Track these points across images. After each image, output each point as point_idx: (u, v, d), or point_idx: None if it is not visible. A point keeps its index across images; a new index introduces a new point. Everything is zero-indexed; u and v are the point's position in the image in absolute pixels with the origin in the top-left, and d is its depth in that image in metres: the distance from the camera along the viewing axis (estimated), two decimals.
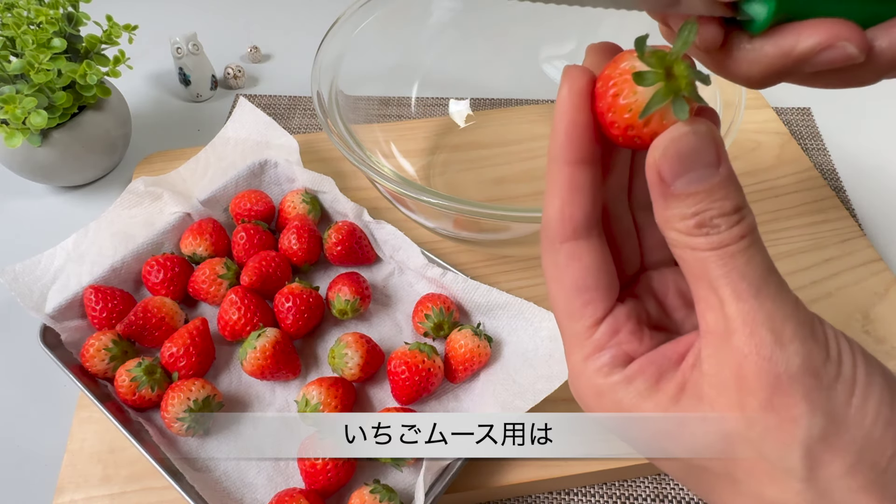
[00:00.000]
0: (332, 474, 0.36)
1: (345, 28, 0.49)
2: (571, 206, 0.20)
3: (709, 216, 0.18)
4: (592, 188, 0.20)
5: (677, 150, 0.18)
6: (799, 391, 0.17)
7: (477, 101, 0.61)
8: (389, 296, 0.48)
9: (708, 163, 0.18)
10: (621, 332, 0.21)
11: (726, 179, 0.18)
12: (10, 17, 0.50)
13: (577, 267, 0.21)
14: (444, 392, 0.42)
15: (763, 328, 0.17)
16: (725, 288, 0.18)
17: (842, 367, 0.18)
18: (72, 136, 0.54)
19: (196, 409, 0.38)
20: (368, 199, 0.52)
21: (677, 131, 0.18)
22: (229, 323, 0.43)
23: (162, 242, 0.48)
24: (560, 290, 0.21)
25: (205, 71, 0.67)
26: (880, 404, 0.18)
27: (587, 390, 0.21)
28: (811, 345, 0.18)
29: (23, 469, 0.42)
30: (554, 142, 0.20)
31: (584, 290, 0.21)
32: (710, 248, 0.18)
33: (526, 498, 0.40)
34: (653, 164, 0.18)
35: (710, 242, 0.18)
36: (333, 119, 0.45)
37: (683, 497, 0.40)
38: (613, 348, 0.20)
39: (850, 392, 0.18)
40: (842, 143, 0.62)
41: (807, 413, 0.17)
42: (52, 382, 0.46)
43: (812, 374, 0.17)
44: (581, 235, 0.21)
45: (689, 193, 0.18)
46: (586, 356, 0.21)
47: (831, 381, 0.18)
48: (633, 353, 0.21)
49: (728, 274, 0.18)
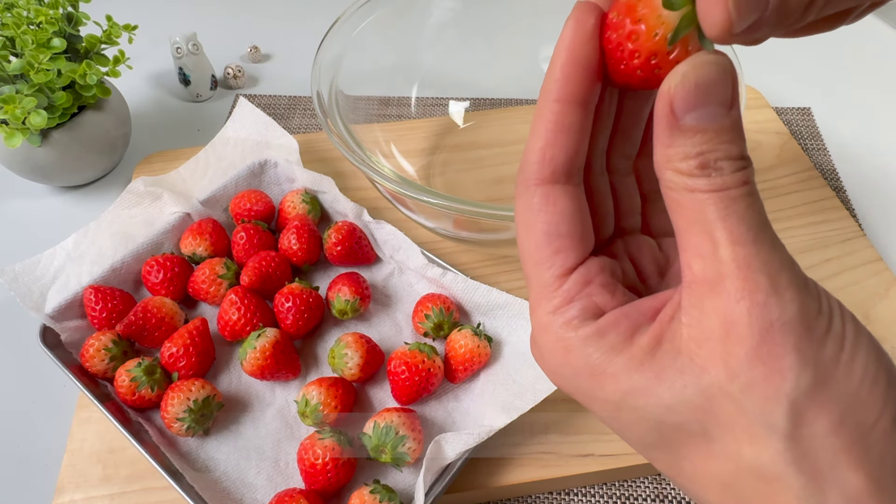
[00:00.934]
0: (332, 474, 0.36)
1: (345, 28, 0.49)
2: (554, 148, 0.19)
3: (713, 157, 0.17)
4: (580, 132, 0.19)
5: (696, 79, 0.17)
6: (791, 341, 0.16)
7: (477, 101, 0.61)
8: (389, 296, 0.48)
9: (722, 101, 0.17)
10: (593, 283, 0.19)
11: (736, 123, 0.17)
12: (9, 17, 0.50)
13: (552, 212, 0.19)
14: (444, 392, 0.42)
15: (759, 273, 0.16)
16: (722, 231, 0.17)
17: (832, 321, 0.17)
18: (72, 136, 0.54)
19: (196, 410, 0.38)
20: (368, 199, 0.52)
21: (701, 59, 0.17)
22: (229, 323, 0.43)
23: (162, 242, 0.48)
24: (530, 236, 0.20)
25: (205, 71, 0.67)
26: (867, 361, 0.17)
27: (553, 346, 0.19)
28: (805, 295, 0.17)
29: (23, 469, 0.42)
30: (549, 77, 0.19)
31: (556, 236, 0.20)
32: (710, 190, 0.17)
33: (526, 498, 0.40)
34: (666, 93, 0.17)
35: (711, 184, 0.17)
36: (333, 119, 0.45)
37: (683, 497, 0.40)
38: (584, 299, 0.19)
39: (840, 347, 0.17)
40: (842, 143, 0.62)
41: (796, 365, 0.16)
42: (52, 382, 0.46)
43: (805, 325, 0.16)
44: (559, 180, 0.19)
45: (698, 130, 0.17)
46: (554, 308, 0.19)
47: (822, 334, 0.17)
48: (604, 307, 0.19)
49: (727, 217, 0.17)
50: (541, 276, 0.20)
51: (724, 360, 0.17)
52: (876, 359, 0.17)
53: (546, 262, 0.20)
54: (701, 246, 0.17)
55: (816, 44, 0.75)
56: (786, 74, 0.70)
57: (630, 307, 0.19)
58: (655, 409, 0.18)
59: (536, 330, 0.20)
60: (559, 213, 0.20)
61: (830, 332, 0.17)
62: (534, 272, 0.20)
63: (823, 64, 0.72)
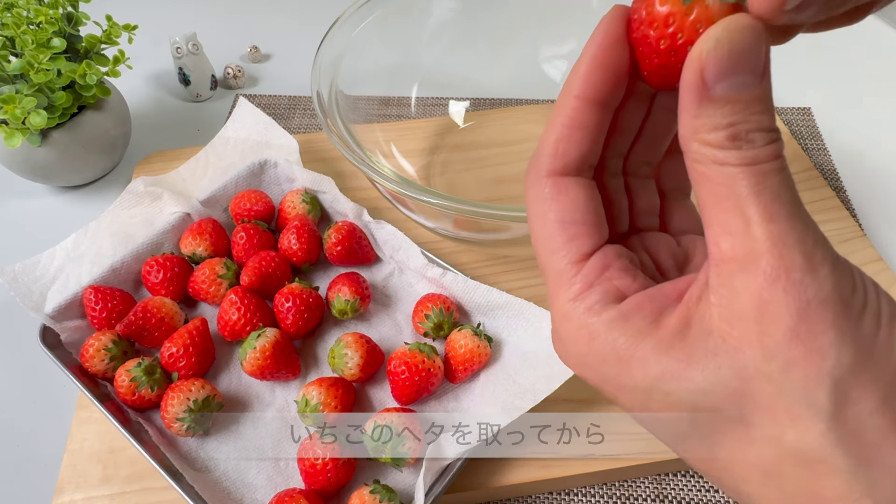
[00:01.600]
0: (331, 474, 0.36)
1: (345, 28, 0.49)
2: (568, 143, 0.19)
3: (745, 129, 0.16)
4: (595, 132, 0.19)
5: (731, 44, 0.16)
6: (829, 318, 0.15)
7: (477, 101, 0.61)
8: (389, 296, 0.48)
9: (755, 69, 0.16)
10: (612, 267, 0.19)
11: (768, 93, 0.16)
12: (9, 16, 0.50)
13: (564, 200, 0.19)
14: (444, 392, 0.42)
15: (794, 251, 0.16)
16: (754, 207, 0.16)
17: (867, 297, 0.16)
18: (71, 136, 0.54)
19: (196, 410, 0.38)
20: (368, 199, 0.52)
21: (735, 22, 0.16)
22: (229, 323, 0.43)
23: (162, 242, 0.48)
24: (543, 225, 0.19)
25: (205, 71, 0.67)
26: None
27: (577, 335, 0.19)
28: (841, 271, 0.16)
29: (23, 469, 0.42)
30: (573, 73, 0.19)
31: (570, 223, 0.19)
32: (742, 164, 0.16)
33: (526, 498, 0.40)
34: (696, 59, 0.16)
35: (742, 157, 0.16)
36: (333, 119, 0.45)
37: (683, 497, 0.40)
38: (604, 283, 0.18)
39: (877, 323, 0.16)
40: (842, 143, 0.62)
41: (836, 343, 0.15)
42: (51, 382, 0.46)
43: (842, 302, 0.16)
44: (570, 173, 0.19)
45: (729, 100, 0.16)
46: (574, 295, 0.19)
47: (859, 310, 0.16)
48: (626, 291, 0.19)
49: (760, 193, 0.16)
50: (557, 264, 0.19)
51: (759, 339, 0.16)
52: None
53: (561, 249, 0.19)
54: (731, 223, 0.16)
55: (816, 44, 0.75)
56: (786, 74, 0.70)
57: (654, 290, 0.18)
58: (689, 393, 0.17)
59: (557, 320, 0.19)
60: (571, 202, 0.19)
61: (867, 309, 0.16)
62: (549, 261, 0.19)
63: (823, 64, 0.72)
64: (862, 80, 0.70)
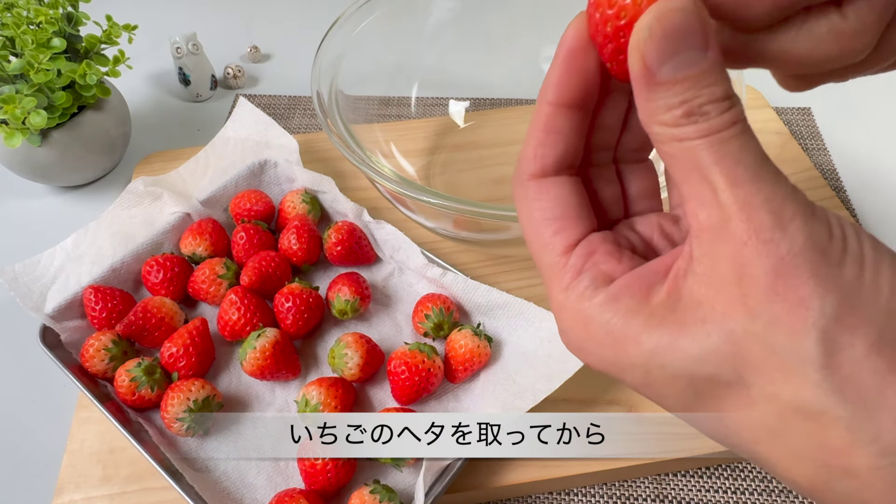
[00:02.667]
0: (331, 474, 0.36)
1: (345, 28, 0.49)
2: (545, 147, 0.20)
3: (698, 103, 0.17)
4: (571, 134, 0.20)
5: (663, 28, 0.16)
6: (806, 270, 0.16)
7: (477, 101, 0.61)
8: (389, 296, 0.48)
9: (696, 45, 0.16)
10: (597, 252, 0.20)
11: (715, 64, 0.17)
12: (9, 17, 0.50)
13: (546, 198, 0.20)
14: (444, 392, 0.42)
15: (761, 210, 0.16)
16: (719, 175, 0.16)
17: (847, 243, 0.16)
18: (71, 136, 0.54)
19: (196, 410, 0.38)
20: (368, 199, 0.52)
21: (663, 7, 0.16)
22: (229, 323, 0.43)
23: (162, 242, 0.48)
24: (530, 225, 0.21)
25: (205, 71, 0.67)
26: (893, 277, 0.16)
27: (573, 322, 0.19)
28: (813, 222, 0.16)
29: (23, 469, 0.42)
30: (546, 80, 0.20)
31: (553, 219, 0.20)
32: (700, 136, 0.17)
33: (526, 498, 0.40)
34: (636, 48, 0.17)
35: (700, 129, 0.17)
36: (333, 119, 0.45)
37: (683, 497, 0.40)
38: (591, 269, 0.19)
39: (861, 267, 0.16)
40: (842, 143, 0.62)
41: (817, 292, 0.16)
42: (51, 382, 0.46)
43: (818, 251, 0.16)
44: (550, 174, 0.20)
45: (677, 80, 0.17)
46: (565, 285, 0.19)
47: (839, 257, 0.16)
48: (613, 273, 0.19)
49: (722, 160, 0.16)
50: (547, 259, 0.20)
51: (742, 302, 0.16)
52: None
53: (548, 244, 0.20)
54: (701, 193, 0.17)
55: None
56: None
57: (641, 269, 0.19)
58: (684, 362, 0.17)
59: (556, 311, 0.20)
60: (552, 199, 0.20)
61: (847, 254, 0.16)
62: (541, 257, 0.20)
63: None
64: (862, 80, 0.69)
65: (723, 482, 0.40)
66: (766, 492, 0.40)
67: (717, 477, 0.41)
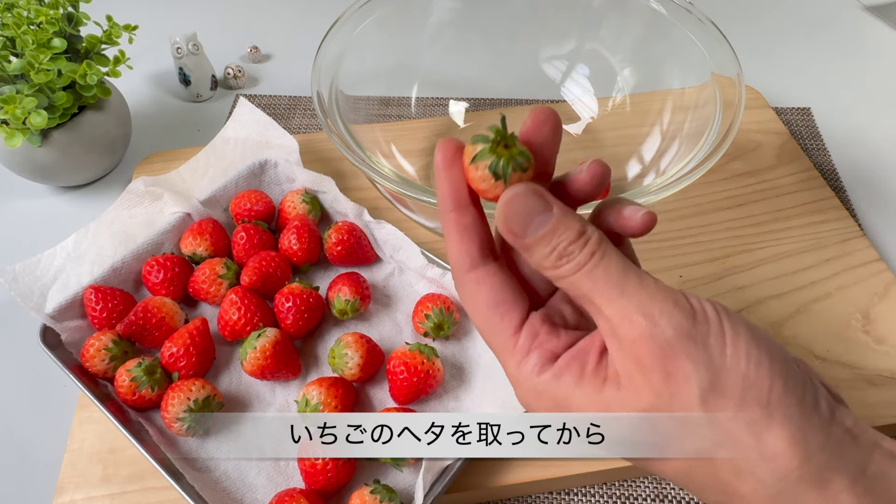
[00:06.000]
0: (332, 474, 0.36)
1: (345, 28, 0.49)
2: (465, 243, 0.24)
3: (562, 247, 0.22)
4: (477, 225, 0.25)
5: (512, 212, 0.22)
6: (681, 354, 0.21)
7: (477, 101, 0.61)
8: (389, 296, 0.48)
9: (539, 211, 0.22)
10: (540, 334, 0.24)
11: (561, 216, 0.22)
12: (10, 17, 0.50)
13: (486, 288, 0.25)
14: (444, 392, 0.42)
15: (636, 315, 0.21)
16: (597, 297, 0.22)
17: (709, 325, 0.21)
18: (72, 136, 0.54)
19: (196, 409, 0.38)
20: (368, 199, 0.52)
21: (504, 199, 0.22)
22: (229, 323, 0.43)
23: (162, 242, 0.48)
24: (477, 312, 0.25)
25: (205, 71, 0.67)
26: (748, 349, 0.21)
27: (526, 393, 0.24)
28: (678, 314, 0.21)
29: (23, 469, 0.42)
30: (439, 198, 0.24)
31: (497, 304, 0.24)
32: (574, 272, 0.22)
33: (526, 498, 0.40)
34: (503, 228, 0.23)
35: (571, 267, 0.22)
36: (333, 119, 0.45)
37: (683, 497, 0.40)
38: (538, 349, 0.24)
39: (723, 343, 0.21)
40: (842, 143, 0.62)
41: (693, 370, 0.21)
42: (52, 382, 0.46)
43: (686, 337, 0.21)
44: (479, 264, 0.25)
45: (539, 238, 0.22)
46: (518, 363, 0.24)
47: (703, 338, 0.21)
48: (555, 350, 0.24)
49: (594, 286, 0.22)
50: (498, 341, 0.25)
51: (648, 386, 0.21)
52: (756, 344, 0.21)
53: (497, 327, 0.25)
54: (593, 311, 0.23)
55: (816, 44, 0.75)
56: (786, 74, 0.70)
57: (576, 349, 0.24)
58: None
59: (511, 382, 0.25)
60: (491, 288, 0.25)
61: (711, 334, 0.21)
62: (492, 340, 0.25)
63: (823, 64, 0.72)
64: (862, 80, 0.70)
65: None
66: None
67: None
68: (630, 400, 0.22)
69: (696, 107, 0.47)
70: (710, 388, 0.21)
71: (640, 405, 0.22)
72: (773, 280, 0.49)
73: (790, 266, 0.49)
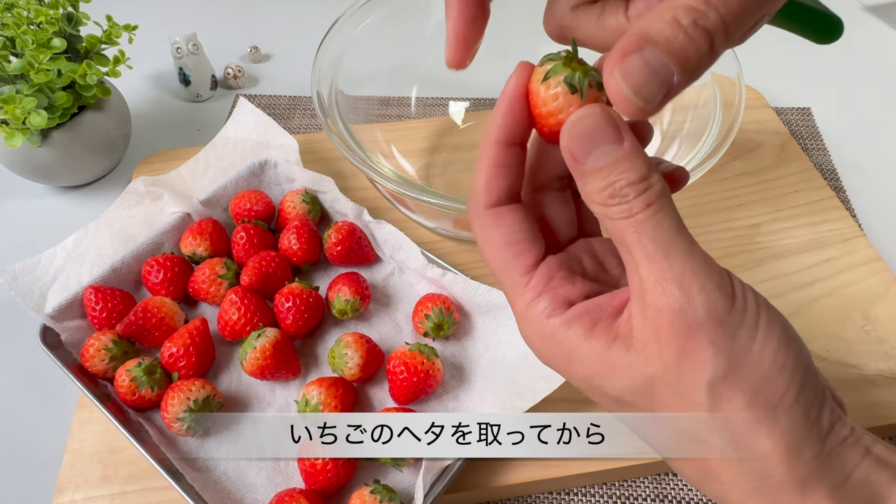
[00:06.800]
0: (332, 474, 0.36)
1: (345, 28, 0.49)
2: (496, 180, 0.24)
3: (619, 186, 0.20)
4: (517, 167, 0.24)
5: (579, 132, 0.21)
6: (706, 338, 0.20)
7: (477, 101, 0.61)
8: (389, 296, 0.48)
9: (610, 139, 0.20)
10: (555, 278, 0.23)
11: (630, 152, 0.20)
12: (10, 17, 0.50)
13: (504, 225, 0.24)
14: (444, 392, 0.42)
15: (672, 285, 0.20)
16: (638, 252, 0.20)
17: (746, 315, 0.20)
18: (72, 136, 0.54)
19: (196, 409, 0.38)
20: (368, 199, 0.52)
21: (576, 116, 0.21)
22: (229, 323, 0.43)
23: (162, 242, 0.48)
24: (491, 250, 0.24)
25: (205, 71, 0.67)
26: (777, 350, 0.20)
27: (532, 333, 0.24)
28: (717, 296, 0.20)
29: (23, 469, 0.42)
30: (491, 122, 0.23)
31: (512, 243, 0.24)
32: (622, 217, 0.21)
33: (526, 498, 0.40)
34: (565, 148, 0.21)
35: (621, 211, 0.20)
36: (333, 119, 0.45)
37: (683, 497, 0.40)
38: (551, 293, 0.23)
39: (752, 338, 0.20)
40: (842, 143, 0.62)
41: (712, 356, 0.20)
42: (52, 382, 0.46)
43: (717, 322, 0.20)
44: (503, 203, 0.24)
45: (599, 168, 0.21)
46: (528, 303, 0.23)
47: (735, 328, 0.20)
48: (569, 296, 0.23)
49: (639, 239, 0.20)
50: (510, 278, 0.24)
51: (660, 357, 0.21)
52: (786, 346, 0.21)
53: (510, 265, 0.24)
54: (628, 263, 0.21)
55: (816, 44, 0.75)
56: (786, 74, 0.70)
57: (593, 303, 0.23)
58: (612, 390, 0.22)
59: (518, 321, 0.24)
60: (509, 225, 0.24)
61: (744, 325, 0.20)
62: (503, 276, 0.24)
63: (823, 64, 0.72)
64: (862, 80, 0.70)
65: None
66: None
67: None
68: (637, 365, 0.21)
69: (696, 107, 0.47)
70: (722, 378, 0.20)
71: (645, 372, 0.21)
72: (773, 280, 0.49)
73: (790, 266, 0.49)
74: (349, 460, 0.37)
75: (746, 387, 0.20)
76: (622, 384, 0.22)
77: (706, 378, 0.20)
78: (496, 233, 0.24)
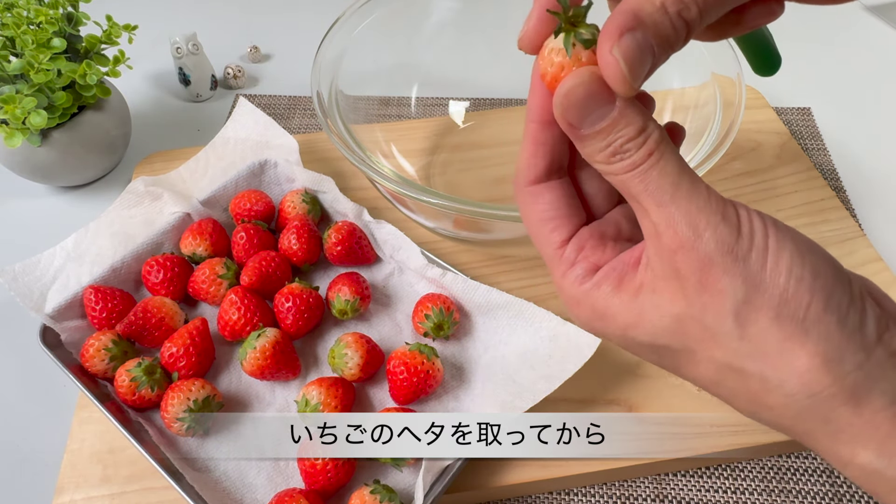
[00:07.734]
0: (331, 474, 0.36)
1: (345, 28, 0.49)
2: (536, 157, 0.25)
3: (619, 144, 0.21)
4: (555, 144, 0.25)
5: (570, 102, 0.21)
6: (719, 268, 0.21)
7: (477, 101, 0.61)
8: (389, 296, 0.48)
9: (603, 102, 0.21)
10: (586, 247, 0.25)
11: (624, 110, 0.21)
12: (10, 17, 0.50)
13: (541, 201, 0.25)
14: (444, 392, 0.42)
15: (682, 225, 0.21)
16: (646, 200, 0.21)
17: (754, 240, 0.21)
18: (72, 136, 0.54)
19: (196, 410, 0.38)
20: (368, 199, 0.52)
21: (564, 87, 0.21)
22: (229, 323, 0.43)
23: (162, 242, 0.48)
24: (532, 224, 0.26)
25: (205, 71, 0.67)
26: (791, 265, 0.21)
27: (569, 301, 0.25)
28: (723, 228, 0.21)
29: (23, 469, 0.42)
30: (529, 102, 0.25)
31: (548, 219, 0.25)
32: (626, 171, 0.21)
33: (526, 498, 0.40)
34: (560, 119, 0.22)
35: (625, 166, 0.21)
36: (333, 119, 0.45)
37: (683, 497, 0.40)
38: (582, 262, 0.25)
39: (764, 259, 0.21)
40: (842, 143, 0.62)
41: (729, 284, 0.21)
42: (52, 382, 0.46)
43: (727, 252, 0.21)
44: (542, 180, 0.25)
45: (596, 132, 0.21)
46: (562, 273, 0.25)
47: (745, 253, 0.21)
48: (599, 262, 0.25)
49: (646, 188, 0.21)
50: (547, 252, 0.26)
51: (682, 293, 0.22)
52: (800, 259, 0.21)
53: (546, 240, 0.25)
54: (639, 212, 0.22)
55: (816, 44, 0.75)
56: (786, 74, 0.70)
57: (616, 261, 0.24)
58: (646, 336, 0.23)
59: (558, 291, 0.26)
60: (546, 203, 0.25)
61: (753, 249, 0.21)
62: (542, 250, 0.26)
63: (823, 64, 0.72)
64: (862, 80, 0.70)
65: (722, 482, 0.41)
66: (765, 492, 0.40)
67: (717, 477, 0.41)
68: (664, 305, 0.22)
69: (696, 106, 0.47)
70: (744, 302, 0.21)
71: (673, 310, 0.22)
72: None
73: None
74: (349, 460, 0.37)
75: (769, 305, 0.20)
76: (653, 327, 0.23)
77: (728, 306, 0.21)
78: (534, 209, 0.25)
